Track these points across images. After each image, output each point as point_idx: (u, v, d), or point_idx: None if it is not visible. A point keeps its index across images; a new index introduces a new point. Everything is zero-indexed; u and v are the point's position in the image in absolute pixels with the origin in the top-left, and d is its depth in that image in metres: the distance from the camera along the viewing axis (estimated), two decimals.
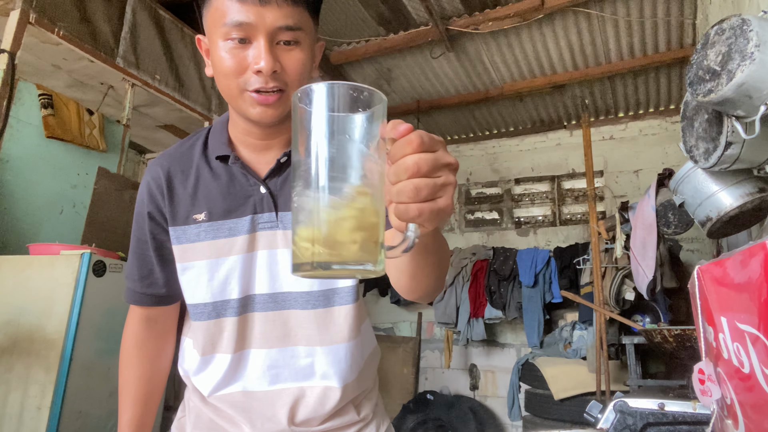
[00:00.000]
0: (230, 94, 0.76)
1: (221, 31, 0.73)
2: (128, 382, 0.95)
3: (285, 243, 0.83)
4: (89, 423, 2.10)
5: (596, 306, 3.14)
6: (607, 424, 0.96)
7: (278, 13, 0.71)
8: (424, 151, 0.44)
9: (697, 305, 0.71)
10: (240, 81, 0.74)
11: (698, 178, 1.62)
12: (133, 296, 0.95)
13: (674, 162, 4.14)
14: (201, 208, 0.83)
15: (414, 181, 0.43)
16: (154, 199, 0.85)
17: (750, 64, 1.05)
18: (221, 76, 0.75)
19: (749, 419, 0.54)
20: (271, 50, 0.72)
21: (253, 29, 0.71)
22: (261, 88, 0.73)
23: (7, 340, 2.11)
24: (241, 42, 0.72)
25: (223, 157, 0.84)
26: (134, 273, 0.92)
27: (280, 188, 0.84)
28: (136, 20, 3.02)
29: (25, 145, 2.92)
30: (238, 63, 0.73)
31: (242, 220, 0.83)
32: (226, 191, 0.83)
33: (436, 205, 0.44)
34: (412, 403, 4.19)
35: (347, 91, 0.43)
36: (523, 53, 3.74)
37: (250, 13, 0.71)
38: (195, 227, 0.83)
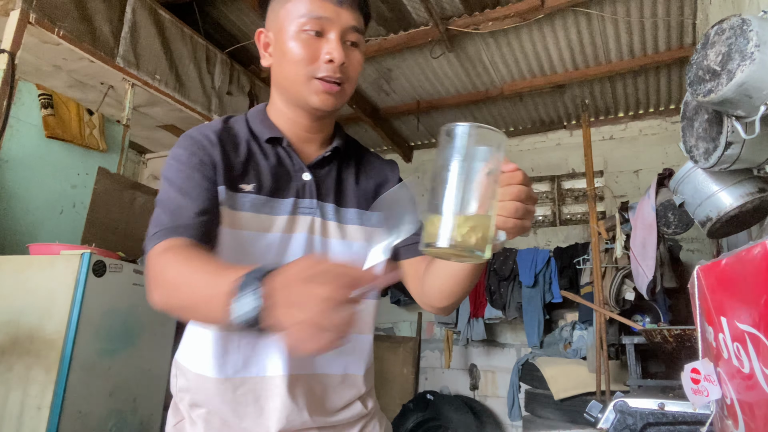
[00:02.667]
0: (296, 80, 0.83)
1: (298, 22, 0.81)
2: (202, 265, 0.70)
3: (321, 230, 0.88)
4: (89, 423, 2.09)
5: (596, 306, 3.14)
6: (607, 424, 0.96)
7: (350, 14, 0.83)
8: (524, 185, 0.62)
9: (697, 305, 0.71)
10: (310, 68, 0.81)
11: (698, 178, 1.62)
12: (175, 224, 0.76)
13: (674, 162, 4.14)
14: (250, 180, 0.86)
15: (515, 203, 0.61)
16: (210, 153, 0.83)
17: (750, 64, 1.05)
18: (291, 63, 0.82)
19: (749, 419, 0.54)
20: (342, 45, 0.82)
21: (329, 24, 0.81)
22: (328, 76, 0.81)
23: (7, 340, 2.11)
24: (316, 34, 0.81)
25: (274, 140, 0.88)
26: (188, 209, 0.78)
27: (323, 179, 0.90)
28: (136, 20, 3.02)
29: (25, 145, 2.92)
30: (312, 52, 0.81)
31: (285, 201, 0.86)
32: (274, 171, 0.87)
33: (524, 223, 0.62)
34: (412, 403, 4.19)
35: (480, 129, 0.60)
36: (523, 53, 3.74)
37: (329, 10, 0.81)
38: (241, 196, 0.84)
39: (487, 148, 0.60)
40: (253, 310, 0.54)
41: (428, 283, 0.86)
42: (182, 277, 0.68)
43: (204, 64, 3.52)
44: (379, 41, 3.58)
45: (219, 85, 3.65)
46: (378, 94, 4.41)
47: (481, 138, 0.60)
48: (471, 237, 0.58)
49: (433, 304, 0.87)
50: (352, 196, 0.94)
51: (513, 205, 0.61)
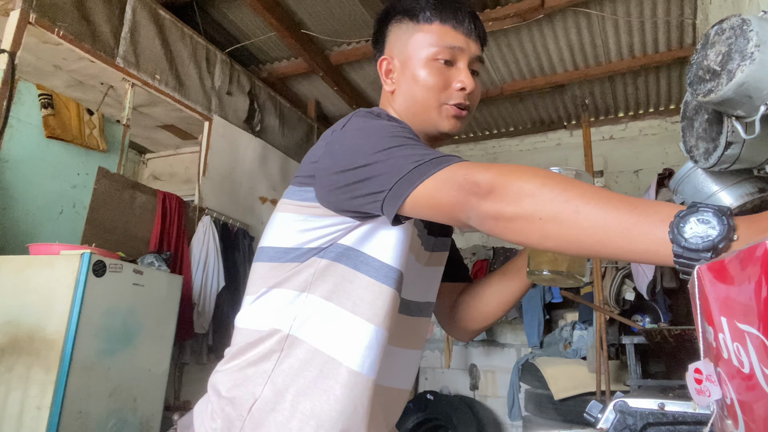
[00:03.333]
0: (428, 105, 0.86)
1: (430, 50, 0.85)
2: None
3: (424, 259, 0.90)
4: (89, 423, 2.09)
5: (596, 306, 3.14)
6: (607, 424, 0.96)
7: (476, 45, 0.88)
8: None
9: (697, 305, 0.71)
10: (442, 95, 0.85)
11: (698, 178, 1.62)
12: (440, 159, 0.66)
13: (674, 162, 4.14)
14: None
15: None
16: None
17: (750, 64, 1.05)
18: (423, 90, 0.85)
19: (749, 419, 0.54)
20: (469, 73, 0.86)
21: (459, 53, 0.86)
22: (460, 103, 0.86)
23: (7, 340, 2.11)
24: (446, 63, 0.85)
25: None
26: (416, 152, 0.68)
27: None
28: (136, 20, 3.02)
29: (25, 145, 2.92)
30: (444, 80, 0.85)
31: (432, 238, 0.92)
32: None
33: None
34: (412, 403, 4.19)
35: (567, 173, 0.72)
36: (523, 53, 3.74)
37: (460, 40, 0.86)
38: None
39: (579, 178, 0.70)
40: (718, 234, 0.47)
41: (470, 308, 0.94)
42: (574, 205, 0.52)
43: (204, 64, 3.52)
44: None
45: (219, 85, 3.65)
46: (378, 94, 4.40)
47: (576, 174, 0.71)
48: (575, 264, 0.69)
49: (468, 327, 0.95)
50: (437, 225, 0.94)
51: None
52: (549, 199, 0.54)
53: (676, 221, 0.47)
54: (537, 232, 0.54)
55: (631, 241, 0.49)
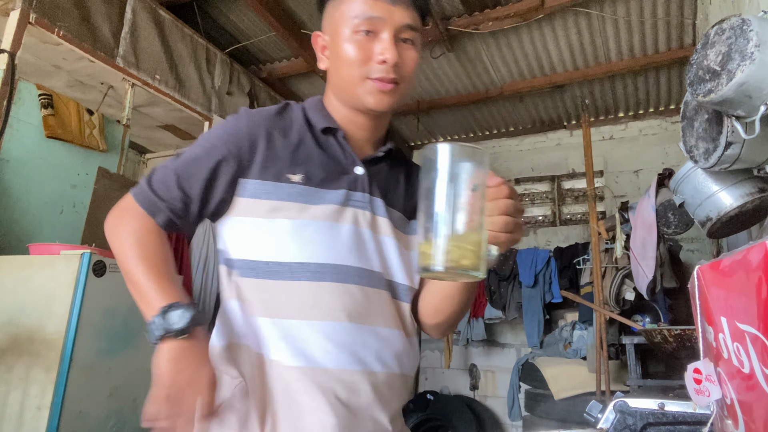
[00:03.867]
0: (351, 81, 0.83)
1: (351, 23, 0.81)
2: (160, 255, 0.83)
3: (372, 225, 0.87)
4: (89, 423, 2.09)
5: (596, 306, 3.14)
6: (607, 424, 0.96)
7: (404, 13, 0.82)
8: (511, 198, 0.64)
9: (697, 305, 0.71)
10: (363, 69, 0.81)
11: (698, 178, 1.62)
12: (152, 203, 0.83)
13: (674, 162, 4.14)
14: (298, 170, 0.84)
15: (504, 217, 0.63)
16: (239, 147, 0.83)
17: (750, 64, 1.05)
18: (345, 65, 0.82)
19: (749, 419, 0.54)
20: (395, 45, 0.81)
21: (381, 23, 0.81)
22: (383, 77, 0.81)
23: (7, 340, 2.11)
24: (367, 34, 0.81)
25: (329, 130, 0.88)
26: (172, 191, 0.82)
27: (376, 175, 0.90)
28: (136, 20, 3.02)
29: (25, 145, 2.92)
30: (364, 53, 0.81)
31: (337, 192, 0.85)
32: (326, 161, 0.87)
33: (514, 236, 0.65)
34: (412, 403, 4.19)
35: (462, 147, 0.61)
36: (523, 53, 3.74)
37: (382, 9, 0.81)
38: (288, 186, 0.82)
39: (471, 165, 0.61)
40: (156, 339, 0.73)
41: (422, 299, 0.89)
42: (129, 265, 0.80)
43: (204, 64, 3.52)
44: None
45: (219, 85, 3.65)
46: None
47: (463, 156, 0.61)
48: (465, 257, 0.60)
49: (425, 320, 0.89)
50: (400, 200, 0.93)
51: (502, 220, 0.63)
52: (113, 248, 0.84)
53: (149, 322, 0.75)
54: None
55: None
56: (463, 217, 0.60)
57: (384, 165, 0.93)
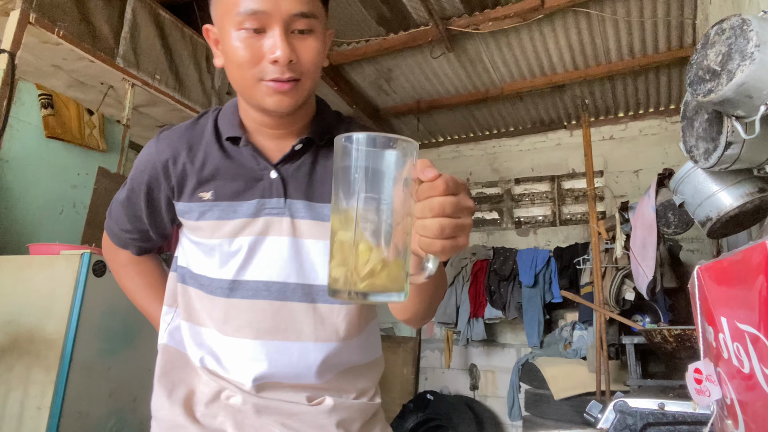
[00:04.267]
0: (244, 84, 0.75)
1: (234, 20, 0.71)
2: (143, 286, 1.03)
3: (291, 231, 0.82)
4: (89, 423, 2.09)
5: (596, 306, 3.14)
6: (607, 424, 0.96)
7: (293, 0, 0.71)
8: (449, 194, 0.50)
9: (697, 305, 0.71)
10: (255, 71, 0.73)
11: (698, 178, 1.62)
12: (121, 240, 0.98)
13: (674, 162, 4.14)
14: (208, 187, 0.82)
15: (439, 219, 0.49)
16: (155, 174, 0.85)
17: (750, 64, 1.05)
18: (234, 67, 0.74)
19: (749, 419, 0.54)
20: (287, 39, 0.71)
21: (267, 17, 0.70)
22: (277, 77, 0.72)
23: (7, 340, 2.11)
24: (255, 32, 0.71)
25: (234, 139, 0.83)
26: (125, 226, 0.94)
27: (292, 175, 0.83)
28: (136, 20, 3.02)
29: (25, 145, 2.92)
30: (253, 53, 0.72)
31: (249, 203, 0.81)
32: (235, 173, 0.82)
33: (456, 242, 0.51)
34: (412, 403, 4.19)
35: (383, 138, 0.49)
36: (523, 53, 3.74)
37: (265, 2, 0.70)
38: (200, 205, 0.83)
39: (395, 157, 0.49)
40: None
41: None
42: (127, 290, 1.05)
43: (204, 64, 3.52)
44: (379, 41, 3.58)
45: (219, 86, 3.65)
46: (378, 94, 4.41)
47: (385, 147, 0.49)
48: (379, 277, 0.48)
49: (395, 315, 0.80)
50: (327, 188, 0.82)
51: (436, 224, 0.49)
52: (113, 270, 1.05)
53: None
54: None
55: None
56: (381, 223, 0.48)
57: (307, 157, 0.84)
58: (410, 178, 0.50)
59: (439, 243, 0.50)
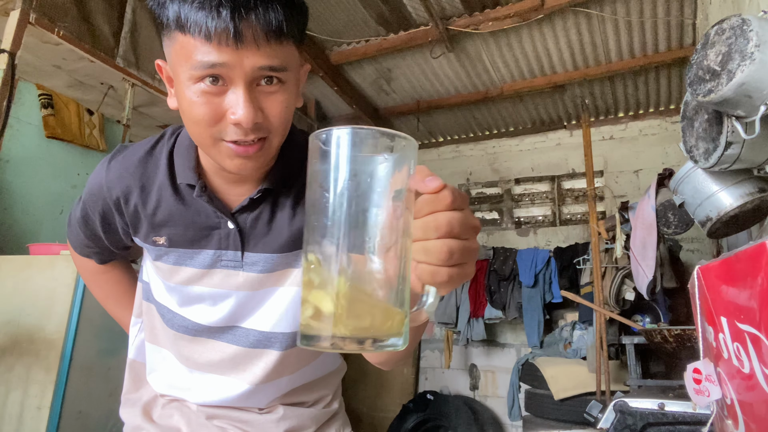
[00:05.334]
0: (202, 142, 0.65)
1: (190, 73, 0.60)
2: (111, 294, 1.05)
3: (248, 285, 0.78)
4: (89, 423, 2.09)
5: (596, 306, 3.14)
6: (607, 424, 0.96)
7: (259, 53, 0.59)
8: (457, 209, 0.39)
9: (697, 305, 0.71)
10: (214, 130, 0.62)
11: (698, 178, 1.62)
12: (83, 251, 0.97)
13: (674, 162, 4.14)
14: (161, 233, 0.77)
15: (447, 242, 0.39)
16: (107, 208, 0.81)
17: (750, 64, 1.05)
18: (191, 123, 0.64)
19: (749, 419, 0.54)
20: (251, 96, 0.60)
21: (228, 71, 0.59)
22: (240, 140, 0.62)
23: (7, 340, 2.11)
24: (214, 83, 0.60)
25: (190, 185, 0.75)
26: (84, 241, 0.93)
27: (251, 226, 0.76)
28: (136, 20, 3.02)
29: (25, 145, 2.92)
30: (212, 110, 0.61)
31: (204, 252, 0.77)
32: (190, 220, 0.76)
33: (464, 270, 0.40)
34: (412, 403, 4.19)
35: (372, 134, 0.38)
36: (523, 53, 3.74)
37: (225, 54, 0.58)
38: (156, 249, 0.80)
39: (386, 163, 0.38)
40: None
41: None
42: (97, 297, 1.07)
43: None
44: (379, 41, 3.58)
45: None
46: (378, 94, 4.41)
47: (374, 146, 0.38)
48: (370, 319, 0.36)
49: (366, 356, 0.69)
50: (286, 237, 0.76)
51: (444, 246, 0.38)
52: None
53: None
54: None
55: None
56: (370, 247, 0.37)
57: (266, 205, 0.76)
58: (405, 188, 0.39)
59: (446, 272, 0.39)
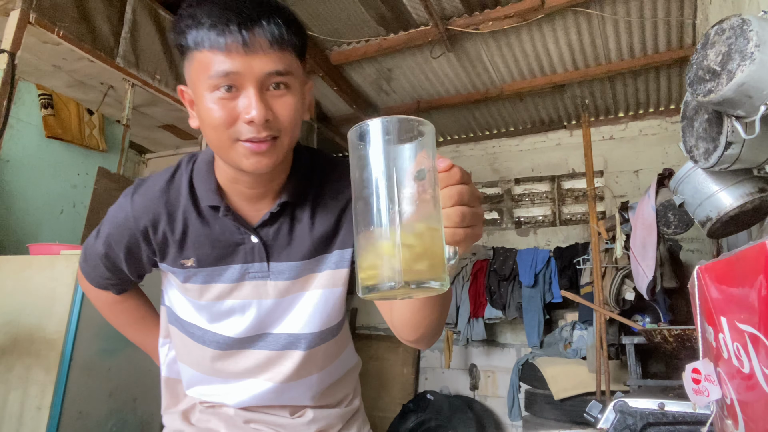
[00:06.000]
0: (220, 145, 0.74)
1: (208, 82, 0.70)
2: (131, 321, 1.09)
3: (276, 293, 0.87)
4: (89, 423, 2.09)
5: (596, 306, 3.14)
6: (607, 424, 0.96)
7: (266, 59, 0.69)
8: (465, 183, 0.51)
9: (697, 305, 0.71)
10: (231, 132, 0.71)
11: (698, 178, 1.62)
12: (100, 284, 0.99)
13: (674, 162, 4.14)
14: (189, 255, 0.84)
15: (461, 208, 0.50)
16: (134, 240, 0.86)
17: (750, 64, 1.05)
18: (210, 128, 0.73)
19: (749, 419, 0.54)
20: (262, 98, 0.70)
21: (240, 78, 0.69)
22: (254, 137, 0.71)
23: (7, 340, 2.11)
24: (228, 91, 0.70)
25: (214, 206, 0.83)
26: (104, 274, 0.96)
27: (273, 238, 0.84)
28: (136, 20, 3.02)
29: (25, 145, 2.92)
30: (228, 113, 0.70)
31: (232, 267, 0.85)
32: (216, 239, 0.84)
33: (474, 231, 0.52)
34: (412, 403, 4.19)
35: (401, 122, 0.47)
36: (523, 53, 3.74)
37: (238, 62, 0.68)
38: (184, 271, 0.86)
39: (413, 143, 0.48)
40: None
41: (395, 314, 0.77)
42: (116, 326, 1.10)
43: None
44: (379, 41, 3.58)
45: None
46: (378, 94, 4.41)
47: (402, 132, 0.47)
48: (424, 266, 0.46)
49: (403, 336, 0.79)
50: (308, 245, 0.86)
51: (458, 212, 0.50)
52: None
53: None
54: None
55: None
56: (414, 213, 0.46)
57: (285, 217, 0.85)
58: (432, 166, 0.49)
59: (462, 231, 0.51)
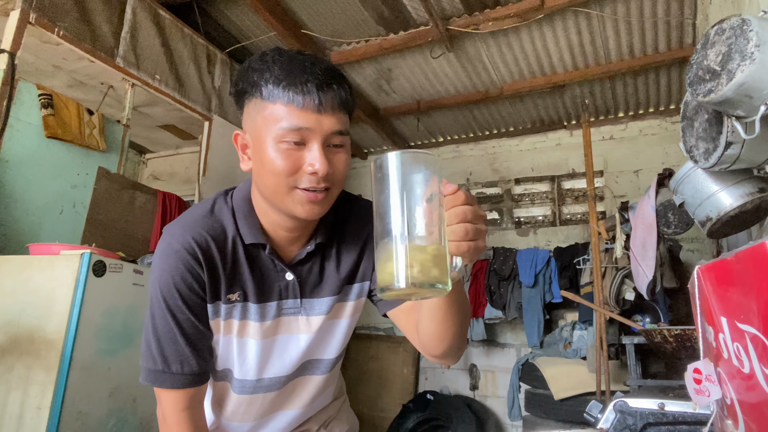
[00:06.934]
0: (277, 191, 0.79)
1: (277, 133, 0.76)
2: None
3: (307, 328, 0.94)
4: (89, 423, 2.09)
5: (596, 306, 3.14)
6: (607, 424, 0.96)
7: (332, 119, 0.78)
8: (469, 204, 0.61)
9: (697, 305, 0.71)
10: (291, 180, 0.78)
11: (698, 178, 1.62)
12: (170, 380, 0.87)
13: (674, 162, 4.14)
14: (236, 289, 0.89)
15: (464, 225, 0.60)
16: (195, 274, 0.85)
17: (750, 64, 1.05)
18: (270, 174, 0.78)
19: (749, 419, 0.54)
20: (325, 153, 0.78)
21: (309, 133, 0.77)
22: (313, 187, 0.78)
23: (7, 340, 2.11)
24: (296, 144, 0.77)
25: (258, 245, 0.88)
26: (170, 356, 0.86)
27: (306, 275, 0.92)
28: (136, 20, 3.02)
29: (25, 145, 2.92)
30: (293, 163, 0.77)
31: (270, 305, 0.91)
32: (259, 276, 0.90)
33: (477, 245, 0.61)
34: (412, 403, 4.19)
35: (411, 155, 0.60)
36: (523, 53, 3.74)
37: (309, 119, 0.76)
38: (230, 306, 0.89)
39: (424, 173, 0.59)
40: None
41: (421, 330, 0.84)
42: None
43: (204, 64, 3.52)
44: (379, 41, 3.58)
45: (219, 85, 3.65)
46: (378, 94, 4.41)
47: (414, 163, 0.59)
48: (429, 270, 0.57)
49: (431, 351, 0.85)
50: (336, 281, 0.94)
51: (462, 228, 0.60)
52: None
53: None
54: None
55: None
56: (422, 229, 0.57)
57: (316, 256, 0.93)
58: (439, 190, 0.60)
59: (465, 245, 0.60)
